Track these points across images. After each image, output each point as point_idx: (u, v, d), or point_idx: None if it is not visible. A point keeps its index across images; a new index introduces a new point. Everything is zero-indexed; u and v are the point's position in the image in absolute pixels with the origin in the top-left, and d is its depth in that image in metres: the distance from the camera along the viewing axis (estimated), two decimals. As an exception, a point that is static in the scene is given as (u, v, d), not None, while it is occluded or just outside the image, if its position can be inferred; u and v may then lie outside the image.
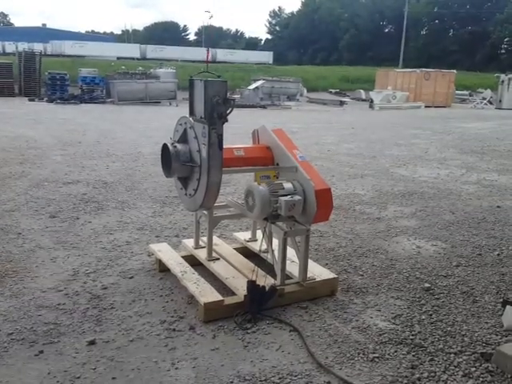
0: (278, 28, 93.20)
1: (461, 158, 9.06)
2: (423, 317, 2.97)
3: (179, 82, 23.45)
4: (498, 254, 4.06)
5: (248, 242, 3.88)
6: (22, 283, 3.30)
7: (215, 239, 3.87)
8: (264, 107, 22.72)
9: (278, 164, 3.45)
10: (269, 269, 3.28)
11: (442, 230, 4.74)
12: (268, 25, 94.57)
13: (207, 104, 2.96)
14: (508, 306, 2.92)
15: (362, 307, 3.09)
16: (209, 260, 3.46)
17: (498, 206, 5.60)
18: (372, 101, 24.07)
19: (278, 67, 45.90)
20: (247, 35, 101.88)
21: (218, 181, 3.12)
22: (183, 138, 3.30)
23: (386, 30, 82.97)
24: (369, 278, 3.55)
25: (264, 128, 3.60)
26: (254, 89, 24.36)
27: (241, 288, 3.02)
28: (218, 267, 3.35)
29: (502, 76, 26.86)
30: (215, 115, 2.97)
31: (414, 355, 2.56)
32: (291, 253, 3.37)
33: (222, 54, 54.48)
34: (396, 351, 2.60)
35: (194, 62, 45.42)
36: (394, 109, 23.50)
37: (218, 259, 3.48)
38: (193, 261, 3.55)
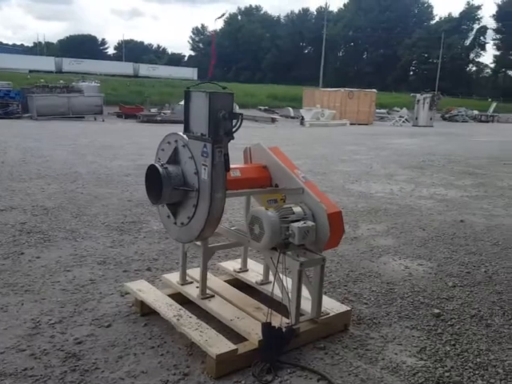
0: (201, 45, 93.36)
1: (404, 173, 9.25)
2: (447, 348, 2.75)
3: (104, 97, 22.43)
4: (486, 271, 4.00)
5: (239, 272, 3.48)
6: (-28, 343, 2.65)
7: (197, 271, 3.44)
8: (195, 123, 22.22)
9: (276, 185, 3.12)
10: (270, 303, 2.93)
11: (421, 247, 4.64)
12: (191, 41, 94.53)
13: (212, 119, 2.56)
14: (533, 331, 2.79)
15: (382, 342, 2.81)
16: (203, 298, 3.01)
17: (462, 221, 5.65)
18: (303, 118, 24.50)
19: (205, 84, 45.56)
20: (170, 51, 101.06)
21: (222, 207, 2.73)
22: (173, 159, 2.87)
23: (306, 51, 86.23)
24: (374, 307, 3.29)
25: (259, 146, 3.25)
26: (184, 105, 23.80)
27: (252, 332, 2.61)
28: (216, 306, 2.91)
29: (418, 95, 28.56)
30: (221, 132, 2.58)
31: (454, 397, 2.32)
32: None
33: (145, 69, 53.40)
34: (437, 394, 2.34)
35: (114, 76, 43.88)
36: (322, 126, 24.04)
37: (212, 296, 3.04)
38: (181, 299, 3.08)
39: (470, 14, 72.31)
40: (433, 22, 76.89)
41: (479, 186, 7.96)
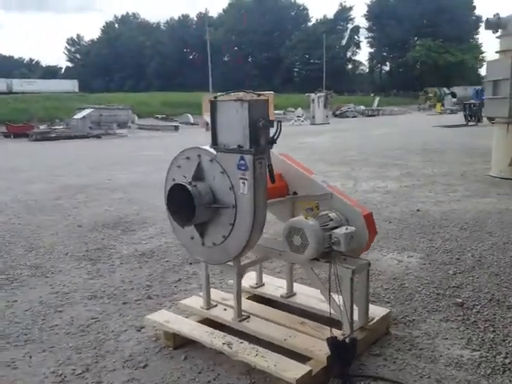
0: (78, 56, 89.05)
1: (336, 170, 9.56)
2: (490, 335, 2.84)
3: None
4: (473, 256, 4.22)
5: (256, 288, 3.29)
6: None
7: (214, 292, 3.20)
8: (98, 137, 21.14)
9: (295, 193, 3.01)
10: (303, 315, 2.89)
11: (399, 239, 4.79)
12: (67, 53, 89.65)
13: (252, 129, 2.38)
14: (557, 306, 2.99)
15: (429, 339, 2.83)
16: (240, 321, 2.79)
17: (418, 210, 5.95)
18: (208, 124, 24.32)
19: (93, 95, 43.53)
20: (44, 64, 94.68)
21: (264, 222, 2.55)
22: (198, 175, 2.62)
23: (191, 57, 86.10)
24: (398, 305, 3.30)
25: (271, 154, 3.10)
26: (81, 118, 22.46)
27: (314, 349, 2.48)
28: (260, 327, 2.72)
29: (312, 95, 29.83)
30: (262, 142, 2.41)
31: (530, 380, 2.39)
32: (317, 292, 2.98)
33: (19, 85, 49.26)
34: (511, 381, 2.39)
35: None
36: (228, 130, 24.13)
37: (248, 317, 2.83)
38: (211, 325, 2.83)
39: (344, 14, 77.59)
40: (310, 24, 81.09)
41: (410, 176, 8.48)
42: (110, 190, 8.08)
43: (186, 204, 2.53)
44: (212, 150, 2.58)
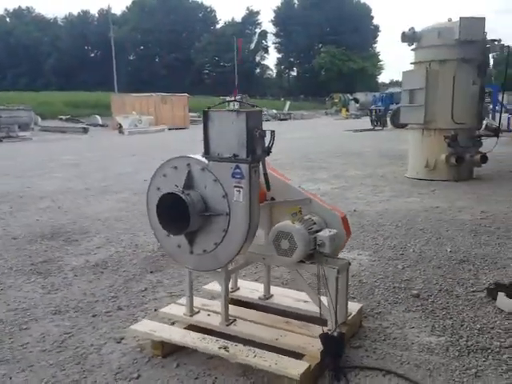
0: None
1: (265, 173, 9.79)
2: (449, 322, 3.16)
3: None
4: (414, 251, 4.63)
5: (232, 292, 3.35)
6: None
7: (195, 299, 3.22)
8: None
9: (272, 198, 3.12)
10: (283, 314, 3.03)
11: (345, 239, 5.09)
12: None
13: (249, 138, 2.47)
14: (500, 293, 3.40)
15: (398, 329, 3.09)
16: (228, 324, 2.84)
17: (355, 210, 6.34)
18: (121, 126, 23.56)
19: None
20: None
21: (257, 228, 2.65)
22: (189, 184, 2.64)
23: (92, 55, 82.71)
24: (363, 299, 3.55)
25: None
26: (-21, 120, 20.66)
27: (306, 345, 2.62)
28: (250, 330, 2.79)
29: (228, 98, 30.14)
30: (259, 151, 2.51)
31: (493, 359, 2.72)
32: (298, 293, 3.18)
33: None
34: (477, 361, 2.71)
35: None
36: (142, 133, 23.53)
37: (234, 320, 2.90)
38: (197, 331, 2.86)
39: (251, 18, 79.19)
40: (218, 27, 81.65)
41: (337, 178, 8.96)
42: (35, 198, 7.61)
43: (179, 213, 2.55)
44: (202, 159, 2.63)
